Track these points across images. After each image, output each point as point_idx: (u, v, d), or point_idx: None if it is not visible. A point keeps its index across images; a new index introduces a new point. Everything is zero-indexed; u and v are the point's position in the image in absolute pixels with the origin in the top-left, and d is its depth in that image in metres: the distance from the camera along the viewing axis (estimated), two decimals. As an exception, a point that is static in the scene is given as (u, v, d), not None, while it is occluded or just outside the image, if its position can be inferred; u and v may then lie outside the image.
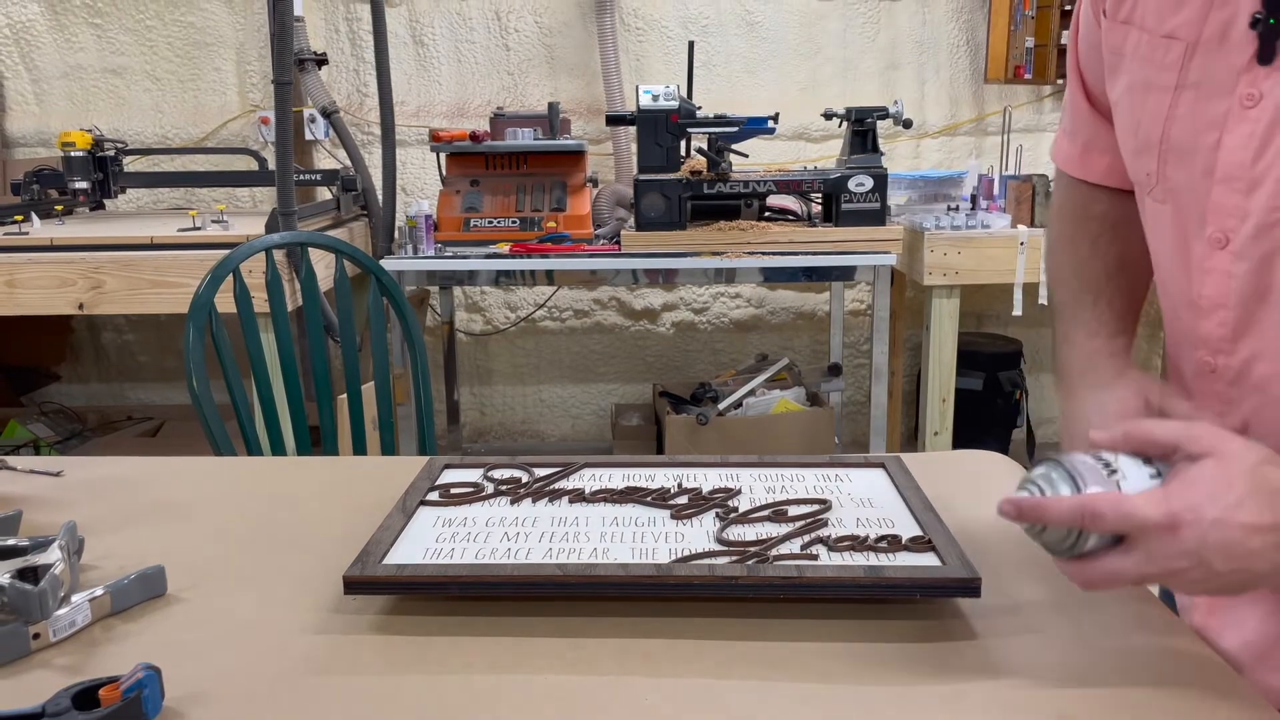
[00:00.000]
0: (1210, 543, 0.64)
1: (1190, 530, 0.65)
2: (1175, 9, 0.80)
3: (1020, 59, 3.26)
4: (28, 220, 2.71)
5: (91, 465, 1.31)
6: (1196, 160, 0.79)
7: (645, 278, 2.78)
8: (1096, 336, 0.94)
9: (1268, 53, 0.72)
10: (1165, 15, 0.80)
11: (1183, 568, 0.65)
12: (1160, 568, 0.66)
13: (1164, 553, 0.66)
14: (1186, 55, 0.79)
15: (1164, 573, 0.66)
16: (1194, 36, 0.78)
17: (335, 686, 0.77)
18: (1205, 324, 0.82)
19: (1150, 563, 0.66)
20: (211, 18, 3.42)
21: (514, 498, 1.05)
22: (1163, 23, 0.81)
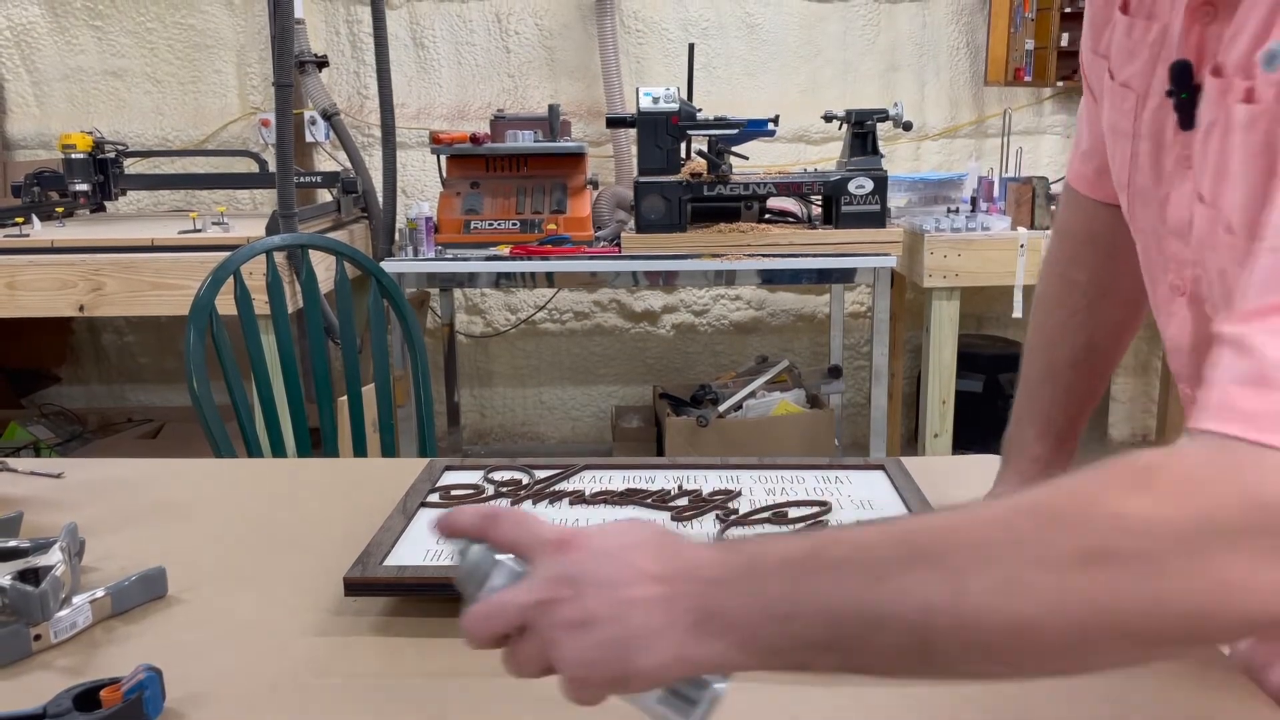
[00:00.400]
0: (590, 573, 0.56)
1: (576, 554, 0.57)
2: (1130, 58, 0.79)
3: (1020, 61, 3.27)
4: (28, 222, 2.71)
5: (92, 467, 1.31)
6: (1153, 209, 0.79)
7: (645, 280, 2.78)
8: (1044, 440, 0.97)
9: (1187, 120, 0.72)
10: (1123, 62, 0.80)
11: (560, 597, 0.56)
12: (538, 594, 0.57)
13: (546, 574, 0.57)
14: (1139, 106, 0.78)
15: (542, 601, 0.56)
16: (1143, 89, 0.77)
17: (335, 688, 0.77)
18: (1174, 362, 0.82)
19: (531, 589, 0.57)
20: (212, 20, 3.42)
21: (514, 499, 1.05)
22: (1121, 69, 0.80)
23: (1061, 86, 3.36)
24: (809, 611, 0.54)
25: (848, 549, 0.55)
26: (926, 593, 0.52)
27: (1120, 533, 0.49)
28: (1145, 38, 0.77)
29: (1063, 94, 3.45)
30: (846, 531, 0.57)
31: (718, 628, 0.54)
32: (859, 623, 0.53)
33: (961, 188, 3.17)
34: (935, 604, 0.51)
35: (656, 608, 0.55)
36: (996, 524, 0.53)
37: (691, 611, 0.55)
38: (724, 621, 0.54)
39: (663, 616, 0.55)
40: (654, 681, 0.56)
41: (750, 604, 0.54)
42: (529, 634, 0.57)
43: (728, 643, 0.54)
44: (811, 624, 0.53)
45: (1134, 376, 3.70)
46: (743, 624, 0.54)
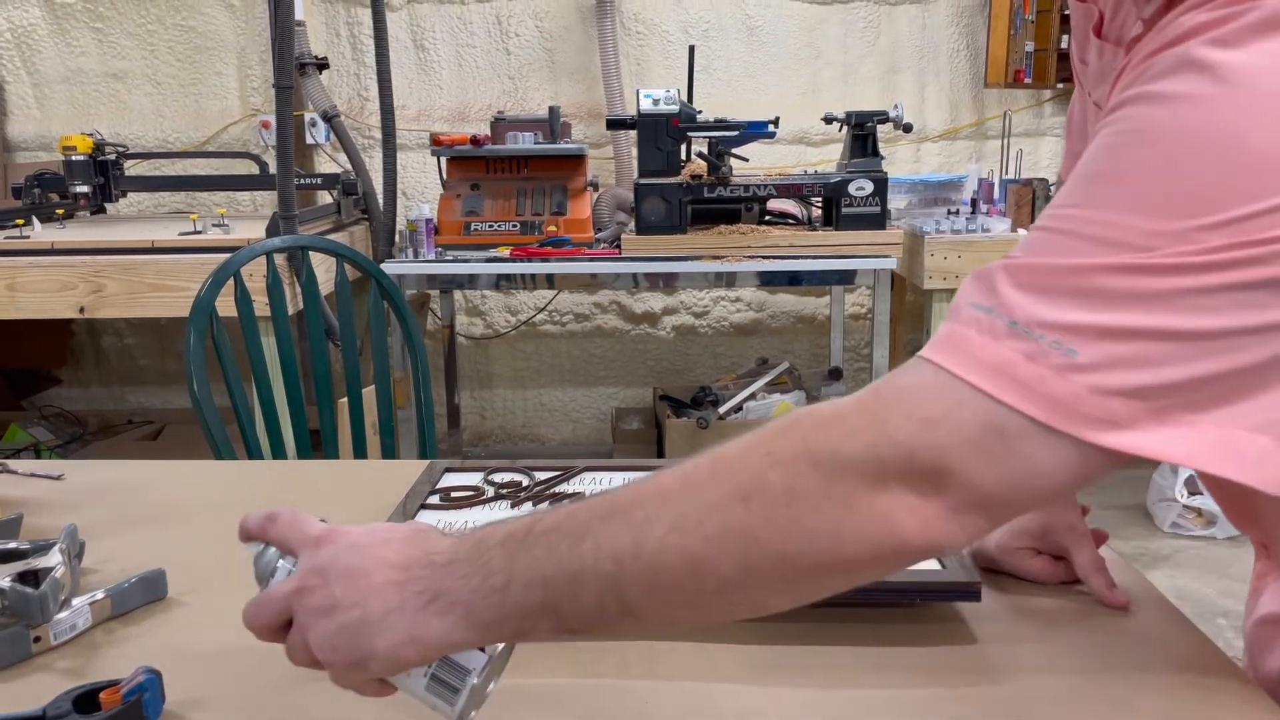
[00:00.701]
0: (339, 563, 0.60)
1: (330, 548, 0.62)
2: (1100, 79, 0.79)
3: (1020, 63, 3.27)
4: (29, 224, 2.71)
5: (92, 468, 1.31)
6: None
7: (645, 281, 2.78)
8: None
9: None
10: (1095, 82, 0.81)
11: (312, 585, 0.60)
12: (297, 582, 0.61)
13: (305, 564, 0.62)
14: None
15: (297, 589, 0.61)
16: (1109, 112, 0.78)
17: (335, 689, 0.77)
18: None
19: (294, 577, 0.62)
20: (212, 22, 3.42)
21: (515, 501, 1.05)
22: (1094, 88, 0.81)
23: (1062, 88, 3.36)
24: (522, 579, 0.58)
25: (560, 518, 0.59)
26: (615, 542, 0.57)
27: (769, 468, 0.56)
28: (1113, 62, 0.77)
29: (1063, 96, 3.45)
30: (563, 506, 0.61)
31: (443, 606, 0.59)
32: (564, 582, 0.57)
33: (962, 189, 3.17)
34: (622, 552, 0.57)
35: (391, 593, 0.59)
36: (676, 475, 0.59)
37: (422, 594, 0.59)
38: (449, 599, 0.59)
39: (395, 599, 0.59)
40: (391, 662, 0.59)
41: (471, 580, 0.59)
42: (294, 624, 0.61)
43: (453, 619, 0.58)
44: (527, 589, 0.58)
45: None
46: (465, 600, 0.58)
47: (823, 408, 0.58)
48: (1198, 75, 0.54)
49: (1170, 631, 0.82)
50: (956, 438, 0.54)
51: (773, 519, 0.55)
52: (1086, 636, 0.82)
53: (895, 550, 0.55)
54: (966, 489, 0.54)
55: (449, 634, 0.59)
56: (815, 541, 0.55)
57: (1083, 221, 0.55)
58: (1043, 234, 0.58)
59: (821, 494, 0.55)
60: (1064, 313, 0.53)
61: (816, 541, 0.55)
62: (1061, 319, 0.53)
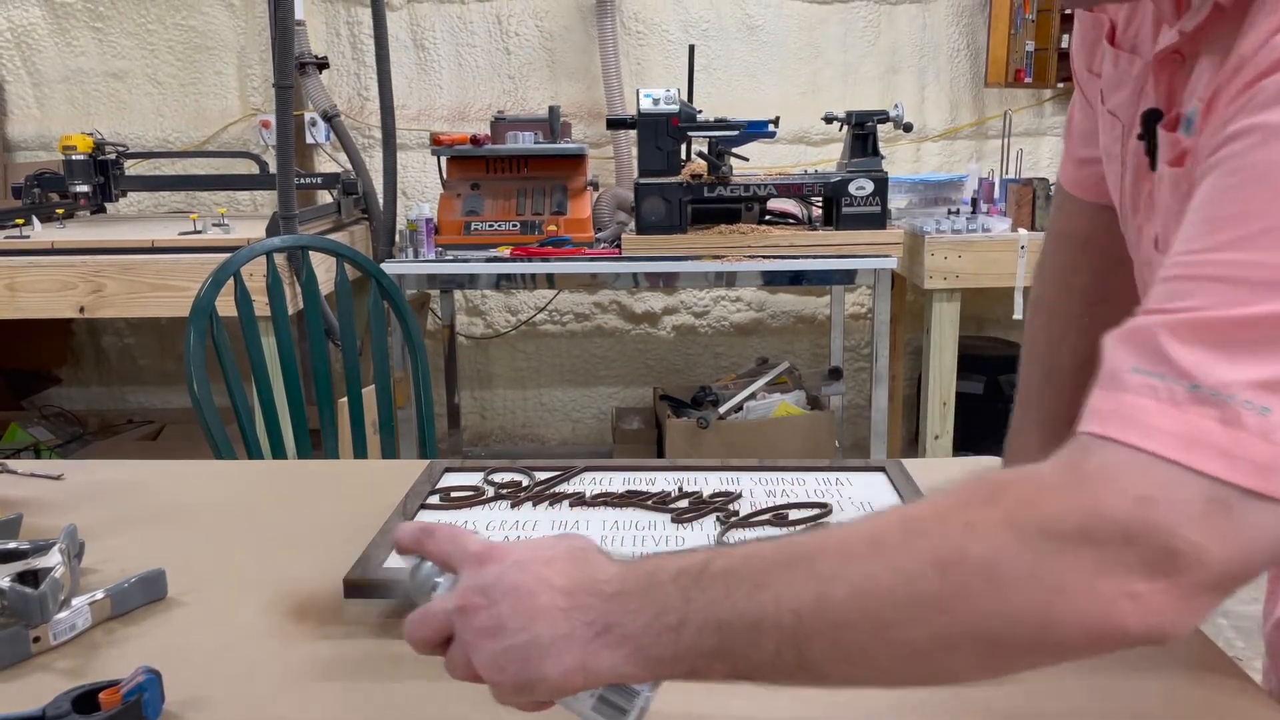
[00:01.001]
0: (505, 582, 0.60)
1: (494, 566, 0.61)
2: (1117, 87, 0.79)
3: (1020, 63, 3.26)
4: (29, 224, 2.71)
5: (92, 468, 1.31)
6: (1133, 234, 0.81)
7: (646, 281, 2.78)
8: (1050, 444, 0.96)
9: (1153, 163, 0.73)
10: (1111, 90, 0.80)
11: (476, 604, 0.60)
12: (459, 601, 0.61)
13: (467, 584, 0.61)
14: (1124, 135, 0.79)
15: (461, 608, 0.61)
16: (1128, 121, 0.77)
17: (336, 690, 0.77)
18: None
19: (454, 597, 0.61)
20: (212, 21, 3.42)
21: (514, 501, 1.05)
22: (1109, 97, 0.81)
23: (1062, 88, 3.36)
24: (697, 620, 0.57)
25: (736, 560, 0.58)
26: (797, 596, 0.55)
27: (970, 540, 0.53)
28: (1130, 70, 0.77)
29: (1063, 95, 3.45)
30: (741, 546, 0.60)
31: (615, 639, 0.58)
32: (741, 629, 0.56)
33: (962, 189, 3.17)
34: (804, 607, 0.55)
35: (560, 618, 0.58)
36: (863, 533, 0.57)
37: (592, 625, 0.58)
38: (620, 633, 0.58)
39: (565, 626, 0.58)
40: (560, 688, 0.59)
41: (644, 616, 0.58)
42: (455, 641, 0.61)
43: (624, 653, 0.58)
44: (700, 632, 0.57)
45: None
46: (637, 635, 0.58)
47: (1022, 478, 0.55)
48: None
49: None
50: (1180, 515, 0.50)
51: (972, 594, 0.52)
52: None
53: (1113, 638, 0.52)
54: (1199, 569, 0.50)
55: (619, 667, 0.58)
56: (1021, 622, 0.52)
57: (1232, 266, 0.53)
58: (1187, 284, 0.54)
59: (1028, 574, 0.51)
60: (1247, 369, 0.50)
61: (1022, 623, 0.52)
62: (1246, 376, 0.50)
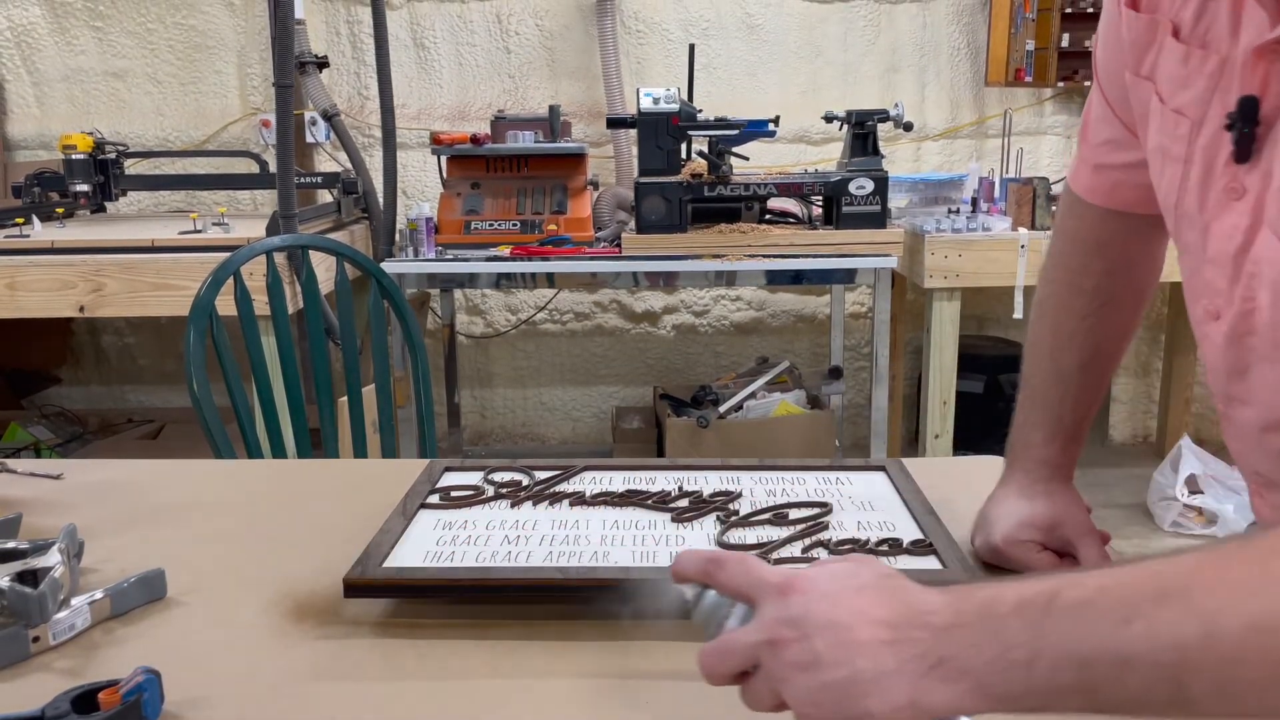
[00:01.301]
0: (816, 615, 0.58)
1: (800, 597, 0.59)
2: (1183, 85, 0.79)
3: (1021, 62, 3.26)
4: (28, 223, 2.71)
5: (92, 468, 1.31)
6: (1196, 234, 0.80)
7: (646, 280, 2.78)
8: (1053, 442, 0.97)
9: (1243, 153, 0.73)
10: (1175, 89, 0.80)
11: (788, 638, 0.58)
12: (766, 634, 0.59)
13: (772, 616, 0.59)
14: (1193, 133, 0.78)
15: (770, 641, 0.59)
16: (1198, 117, 0.78)
17: (335, 690, 0.77)
18: (1209, 378, 0.84)
19: (758, 629, 0.60)
20: (212, 21, 3.42)
21: (514, 501, 1.04)
22: (1173, 96, 0.80)
23: (1062, 87, 3.36)
24: (1053, 656, 0.54)
25: (1089, 591, 0.55)
26: (1178, 633, 0.52)
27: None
28: (1202, 68, 0.77)
29: (1063, 95, 3.45)
30: (1082, 575, 0.57)
31: (952, 673, 0.55)
32: (1109, 665, 0.53)
33: (962, 188, 3.16)
34: (1188, 643, 0.52)
35: (885, 652, 0.56)
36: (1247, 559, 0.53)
37: (923, 658, 0.56)
38: (958, 667, 0.55)
39: (892, 661, 0.56)
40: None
41: (986, 650, 0.55)
42: (760, 672, 0.60)
43: (962, 688, 0.55)
44: (1056, 668, 0.54)
45: (1134, 378, 3.70)
46: (978, 670, 0.55)
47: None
48: None
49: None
50: None
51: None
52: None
53: None
54: None
55: (956, 702, 0.56)
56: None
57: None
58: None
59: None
60: None
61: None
62: None
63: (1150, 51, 0.82)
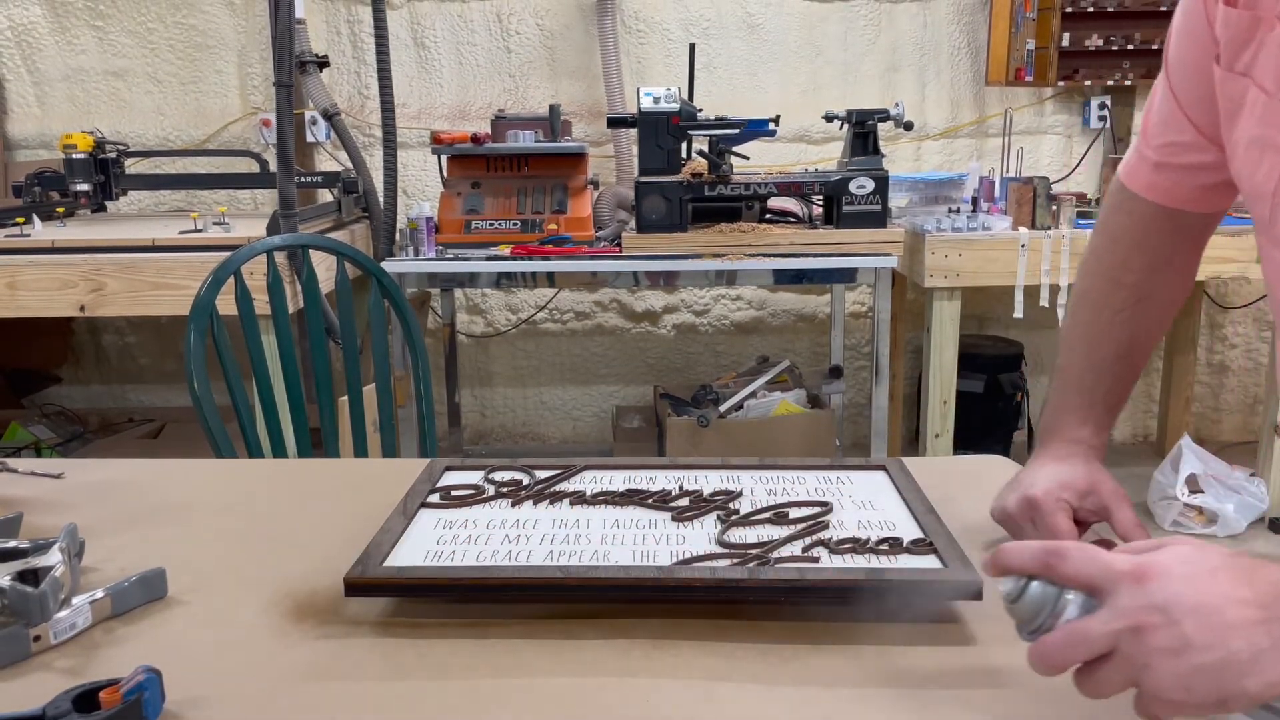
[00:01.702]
0: (1183, 600, 0.58)
1: (1158, 582, 0.60)
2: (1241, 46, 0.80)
3: (1021, 61, 3.26)
4: (29, 222, 2.71)
5: (92, 467, 1.31)
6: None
7: (646, 280, 2.78)
8: (1085, 426, 1.01)
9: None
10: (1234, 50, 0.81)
11: (1153, 623, 0.58)
12: (1128, 621, 0.59)
13: (1133, 604, 0.59)
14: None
15: (1134, 627, 0.59)
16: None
17: (336, 689, 0.77)
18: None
19: (1117, 617, 0.60)
20: (213, 20, 3.42)
21: (515, 500, 1.04)
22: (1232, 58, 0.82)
23: (1062, 87, 3.36)
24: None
25: None
26: None
27: None
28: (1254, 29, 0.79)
29: (1063, 94, 3.45)
30: None
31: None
32: None
33: (962, 188, 3.16)
34: None
35: (1258, 631, 0.57)
36: None
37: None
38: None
39: (1266, 640, 0.57)
40: (1259, 701, 0.58)
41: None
42: (1116, 659, 0.60)
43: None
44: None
45: (1135, 377, 3.70)
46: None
47: None
48: None
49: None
50: None
51: None
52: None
53: None
54: None
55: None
56: None
57: None
58: None
59: None
60: None
61: None
62: None
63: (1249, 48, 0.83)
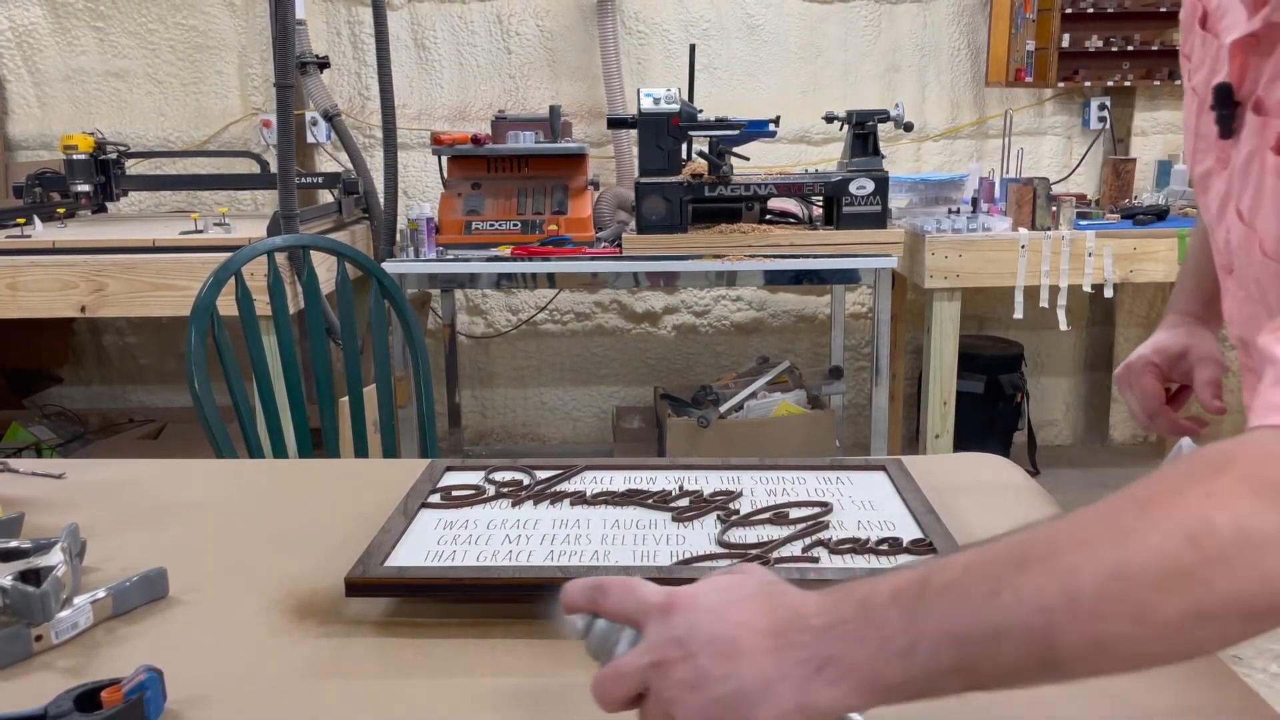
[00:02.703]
0: (700, 631, 0.58)
1: (683, 615, 0.59)
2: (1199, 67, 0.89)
3: (1021, 62, 3.26)
4: (30, 223, 2.71)
5: (93, 468, 1.31)
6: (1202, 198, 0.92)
7: (646, 280, 2.78)
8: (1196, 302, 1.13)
9: (1225, 130, 0.83)
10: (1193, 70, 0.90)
11: (672, 658, 0.58)
12: (653, 656, 0.59)
13: (657, 637, 0.59)
14: (1199, 108, 0.88)
15: (656, 663, 0.59)
16: (1203, 96, 0.87)
17: (337, 689, 0.77)
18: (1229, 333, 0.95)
19: (644, 652, 0.60)
20: (213, 21, 3.42)
21: (515, 500, 1.05)
22: (1192, 76, 0.90)
23: (1063, 87, 3.36)
24: (931, 639, 0.55)
25: (956, 571, 0.56)
26: (1040, 594, 0.53)
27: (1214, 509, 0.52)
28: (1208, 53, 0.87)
29: (1063, 95, 3.45)
30: (950, 557, 0.58)
31: (837, 673, 0.56)
32: (981, 639, 0.54)
33: (962, 189, 3.17)
34: (1052, 604, 0.53)
35: (769, 661, 0.57)
36: (1098, 520, 0.55)
37: (808, 661, 0.56)
38: (842, 666, 0.56)
39: (775, 669, 0.56)
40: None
41: (868, 645, 0.56)
42: (650, 695, 0.59)
43: (848, 686, 0.56)
44: (935, 652, 0.55)
45: (1135, 377, 3.70)
46: (862, 665, 0.56)
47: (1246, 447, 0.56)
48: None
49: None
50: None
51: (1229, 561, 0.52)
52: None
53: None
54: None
55: (842, 700, 0.56)
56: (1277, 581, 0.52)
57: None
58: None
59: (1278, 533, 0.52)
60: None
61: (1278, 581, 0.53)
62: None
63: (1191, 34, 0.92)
